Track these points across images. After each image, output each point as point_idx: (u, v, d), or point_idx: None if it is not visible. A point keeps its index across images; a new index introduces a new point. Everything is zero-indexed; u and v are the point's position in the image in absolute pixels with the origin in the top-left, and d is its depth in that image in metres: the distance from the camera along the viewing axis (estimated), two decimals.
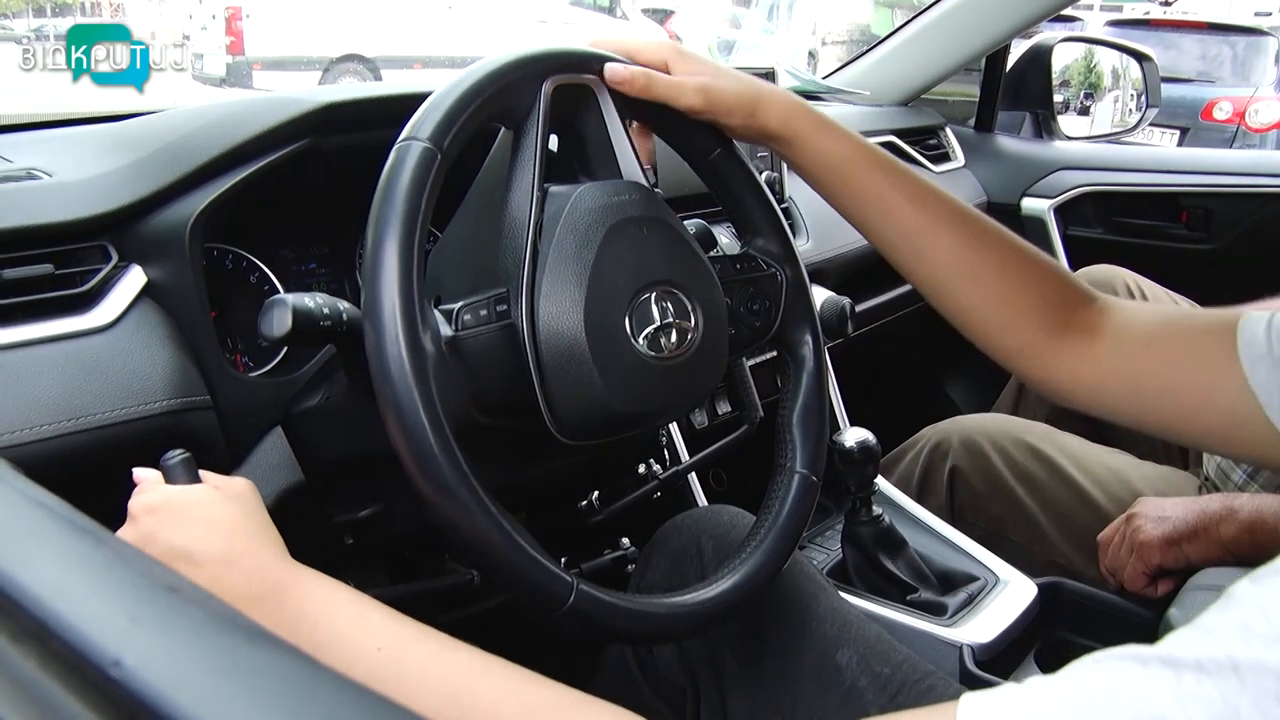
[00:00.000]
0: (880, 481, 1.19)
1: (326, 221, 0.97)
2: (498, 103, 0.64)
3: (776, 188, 1.36)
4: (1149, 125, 2.42)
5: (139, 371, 0.74)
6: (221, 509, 0.59)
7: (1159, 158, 2.11)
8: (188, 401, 0.76)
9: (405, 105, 0.62)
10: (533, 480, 0.83)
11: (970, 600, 1.03)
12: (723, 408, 1.16)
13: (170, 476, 0.61)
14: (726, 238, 1.01)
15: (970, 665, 0.95)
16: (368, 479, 0.80)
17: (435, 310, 0.61)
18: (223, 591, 0.53)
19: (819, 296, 1.14)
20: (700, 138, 0.74)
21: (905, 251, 0.75)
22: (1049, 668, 1.02)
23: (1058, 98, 2.06)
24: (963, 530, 1.16)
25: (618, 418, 0.65)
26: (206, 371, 0.79)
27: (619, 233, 0.65)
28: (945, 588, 1.06)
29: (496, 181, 0.67)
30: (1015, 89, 2.00)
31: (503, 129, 0.70)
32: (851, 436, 1.04)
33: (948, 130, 1.94)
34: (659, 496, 0.98)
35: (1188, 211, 1.80)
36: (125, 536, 0.58)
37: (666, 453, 1.02)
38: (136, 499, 0.60)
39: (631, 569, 0.95)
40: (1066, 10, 2.09)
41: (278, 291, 0.93)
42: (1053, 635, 1.06)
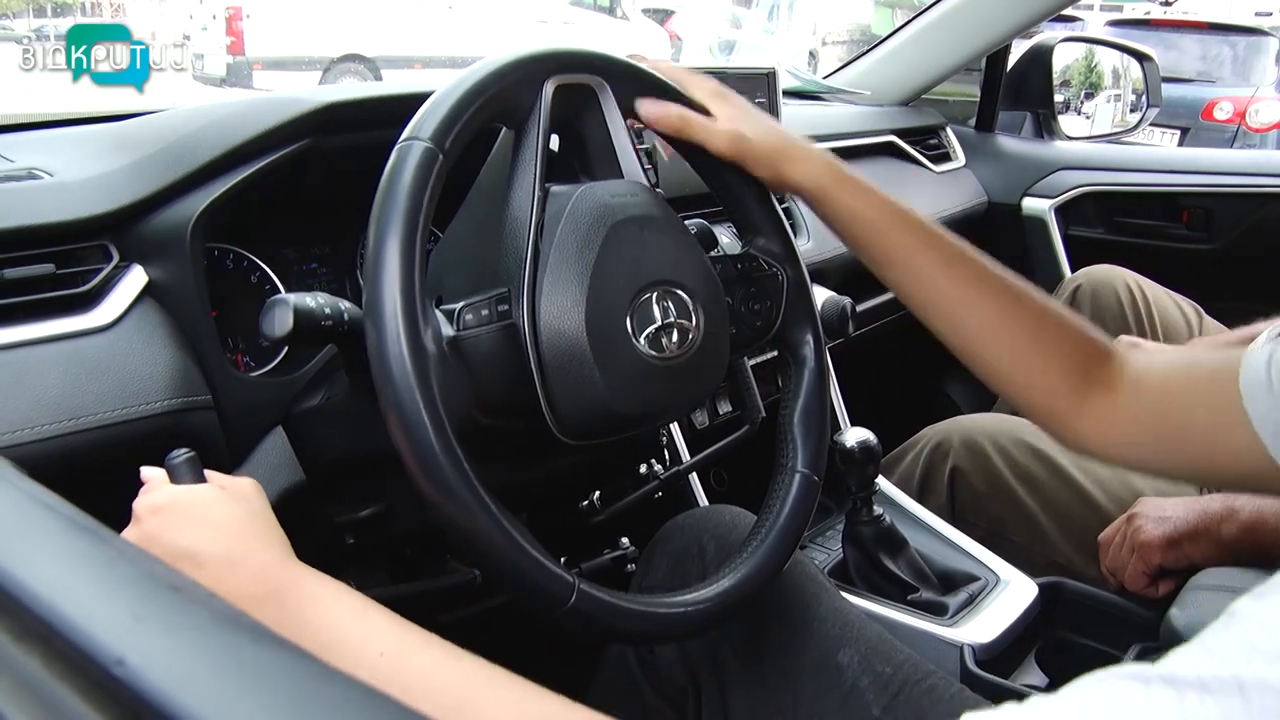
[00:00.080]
0: (881, 481, 1.19)
1: (328, 221, 0.97)
2: (499, 103, 0.64)
3: None
4: (1149, 125, 2.42)
5: (140, 371, 0.74)
6: (226, 509, 0.58)
7: (1159, 158, 2.11)
8: (189, 401, 0.76)
9: (406, 105, 0.62)
10: (534, 480, 0.83)
11: (971, 600, 1.03)
12: (724, 407, 1.16)
13: (175, 476, 0.61)
14: (727, 237, 1.01)
15: (971, 665, 0.95)
16: (369, 479, 0.80)
17: (437, 310, 0.61)
18: (226, 592, 0.53)
19: (820, 296, 1.14)
20: None
21: (935, 315, 0.75)
22: (1049, 668, 1.02)
23: (1058, 97, 2.06)
24: (963, 530, 1.16)
25: (619, 417, 0.65)
26: (207, 371, 0.79)
27: (620, 233, 0.65)
28: (946, 587, 1.06)
29: (498, 181, 0.67)
30: (1016, 89, 2.00)
31: (504, 129, 0.70)
32: (852, 436, 1.04)
33: (948, 130, 1.94)
34: (660, 496, 0.98)
35: (1188, 211, 1.80)
36: (129, 537, 0.57)
37: (667, 452, 1.02)
38: (141, 499, 0.59)
39: (631, 569, 0.95)
40: (1067, 10, 2.09)
41: (279, 291, 0.93)
42: (1053, 635, 1.06)
